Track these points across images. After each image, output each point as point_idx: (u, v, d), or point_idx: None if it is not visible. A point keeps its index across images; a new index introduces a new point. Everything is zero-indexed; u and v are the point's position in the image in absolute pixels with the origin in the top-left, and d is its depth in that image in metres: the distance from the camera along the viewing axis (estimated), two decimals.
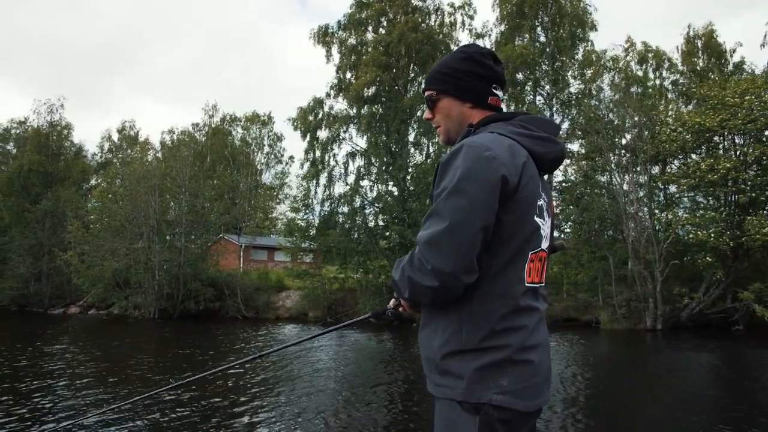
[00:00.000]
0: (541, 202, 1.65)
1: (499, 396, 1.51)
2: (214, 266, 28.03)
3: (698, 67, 27.25)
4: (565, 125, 25.66)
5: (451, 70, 1.77)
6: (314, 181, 27.78)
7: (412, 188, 26.06)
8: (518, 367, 1.55)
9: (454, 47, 27.63)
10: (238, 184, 35.78)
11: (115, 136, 45.64)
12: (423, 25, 26.52)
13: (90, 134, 62.71)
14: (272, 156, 45.70)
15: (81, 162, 39.23)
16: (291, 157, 46.79)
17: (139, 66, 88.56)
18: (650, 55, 25.33)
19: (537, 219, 1.63)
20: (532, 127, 1.68)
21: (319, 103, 27.63)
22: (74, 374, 11.71)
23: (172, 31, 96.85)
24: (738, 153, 21.15)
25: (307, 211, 27.95)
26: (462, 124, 1.75)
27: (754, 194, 19.96)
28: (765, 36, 27.60)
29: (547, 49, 25.39)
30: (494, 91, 1.77)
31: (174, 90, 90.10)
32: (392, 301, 1.93)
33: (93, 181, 40.94)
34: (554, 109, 26.12)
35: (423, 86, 1.86)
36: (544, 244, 1.69)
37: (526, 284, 1.61)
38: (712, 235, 19.59)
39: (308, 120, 27.44)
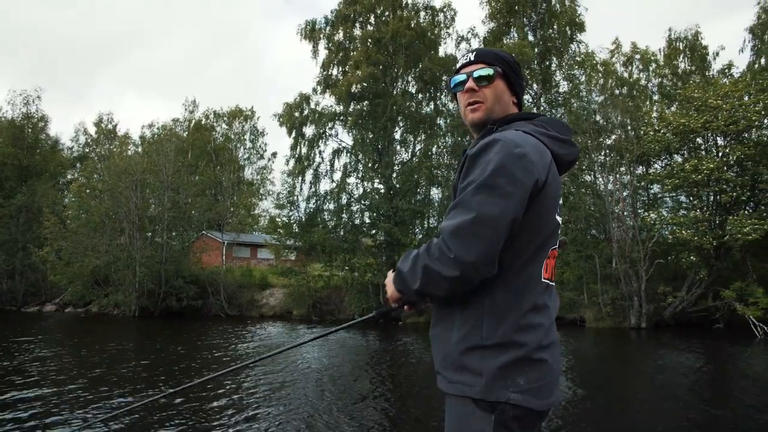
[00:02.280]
0: (561, 201, 1.70)
1: (517, 395, 1.52)
2: (197, 263, 27.63)
3: (680, 70, 27.69)
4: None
5: (515, 66, 1.83)
6: (300, 178, 27.59)
7: (398, 186, 26.00)
8: (535, 366, 1.56)
9: (443, 46, 27.72)
10: (221, 180, 35.36)
11: (92, 129, 44.80)
12: (412, 22, 26.46)
13: (71, 128, 61.76)
14: (254, 151, 45.28)
15: (58, 155, 38.36)
16: (274, 154, 46.51)
17: (125, 61, 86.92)
18: (637, 56, 25.62)
19: (558, 217, 1.68)
20: (551, 129, 1.71)
21: (305, 99, 27.41)
22: (47, 376, 11.23)
23: (159, 28, 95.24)
24: (720, 154, 21.49)
25: (292, 208, 27.72)
26: (502, 112, 1.78)
27: (735, 194, 20.32)
28: (744, 41, 28.37)
29: (536, 49, 25.51)
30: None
31: (159, 85, 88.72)
32: (396, 303, 1.85)
33: (70, 176, 40.09)
34: (541, 108, 26.25)
35: (477, 57, 1.82)
36: (557, 241, 1.73)
37: (543, 280, 1.63)
38: (696, 236, 19.88)
39: (294, 116, 27.20)
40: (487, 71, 1.77)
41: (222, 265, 29.58)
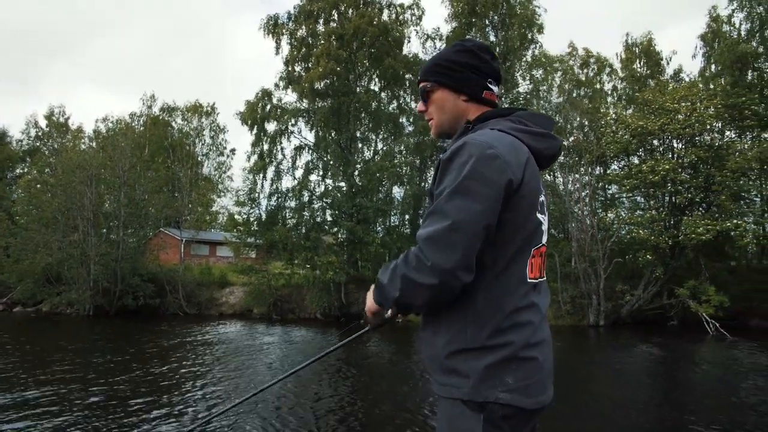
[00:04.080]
0: (542, 198, 1.67)
1: (505, 394, 1.52)
2: (154, 261, 26.95)
3: (636, 74, 28.45)
4: None
5: (448, 62, 1.77)
6: (261, 175, 27.21)
7: (361, 184, 25.89)
8: (523, 365, 1.55)
9: (407, 44, 27.73)
10: (178, 176, 34.59)
11: (43, 123, 43.17)
12: (376, 20, 26.39)
13: (21, 121, 59.38)
14: (213, 147, 44.54)
15: (6, 149, 36.89)
16: (233, 150, 45.84)
17: (79, 52, 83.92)
18: (592, 60, 26.19)
19: (539, 215, 1.65)
20: (530, 124, 1.68)
21: (267, 95, 27.04)
22: None
23: (117, 18, 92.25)
24: (676, 156, 22.13)
25: (253, 206, 27.31)
26: (456, 118, 1.76)
27: (689, 195, 20.96)
28: (696, 47, 29.31)
29: (497, 49, 25.77)
30: (489, 85, 1.76)
31: (115, 79, 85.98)
32: (390, 310, 1.81)
33: (19, 170, 38.61)
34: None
35: (418, 77, 1.83)
36: (544, 239, 1.70)
37: (529, 280, 1.61)
38: (653, 235, 20.40)
39: (256, 112, 26.81)
40: (421, 91, 1.80)
41: (180, 263, 28.91)
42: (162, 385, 10.18)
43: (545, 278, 1.74)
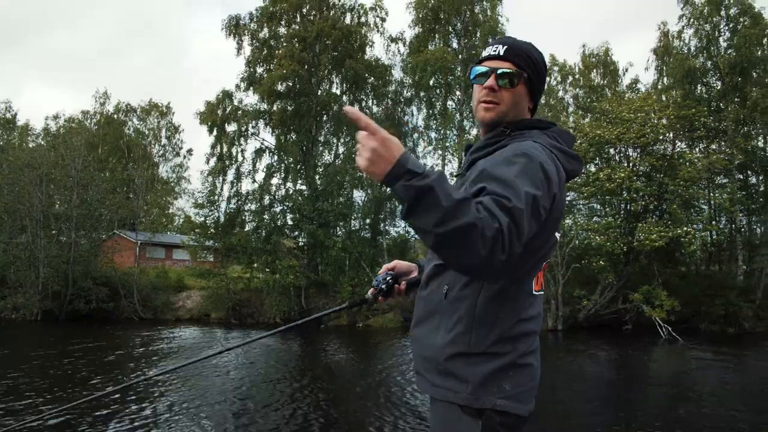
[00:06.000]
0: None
1: (503, 401, 1.50)
2: (108, 264, 26.08)
3: (593, 83, 29.21)
4: (474, 131, 26.47)
5: (542, 71, 1.70)
6: (220, 177, 26.74)
7: (321, 188, 25.72)
8: (520, 371, 1.55)
9: (370, 47, 27.69)
10: (134, 178, 33.62)
11: None
12: (338, 23, 26.31)
13: None
14: (169, 148, 43.52)
15: None
16: (189, 151, 44.93)
17: (26, 45, 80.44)
18: (556, 68, 26.73)
19: (557, 234, 1.64)
20: (563, 143, 1.65)
21: (228, 96, 26.60)
22: None
23: (68, 9, 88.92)
24: (631, 164, 22.76)
25: (212, 208, 26.78)
26: (515, 117, 1.66)
27: (644, 203, 21.58)
28: (648, 60, 30.32)
29: (460, 56, 26.04)
30: None
31: (66, 74, 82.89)
32: (371, 291, 1.85)
33: None
34: (465, 114, 26.83)
35: (507, 54, 1.64)
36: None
37: (534, 293, 1.61)
38: (608, 241, 20.90)
39: (216, 113, 26.33)
40: (513, 74, 1.63)
41: (135, 266, 28.07)
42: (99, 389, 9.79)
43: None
